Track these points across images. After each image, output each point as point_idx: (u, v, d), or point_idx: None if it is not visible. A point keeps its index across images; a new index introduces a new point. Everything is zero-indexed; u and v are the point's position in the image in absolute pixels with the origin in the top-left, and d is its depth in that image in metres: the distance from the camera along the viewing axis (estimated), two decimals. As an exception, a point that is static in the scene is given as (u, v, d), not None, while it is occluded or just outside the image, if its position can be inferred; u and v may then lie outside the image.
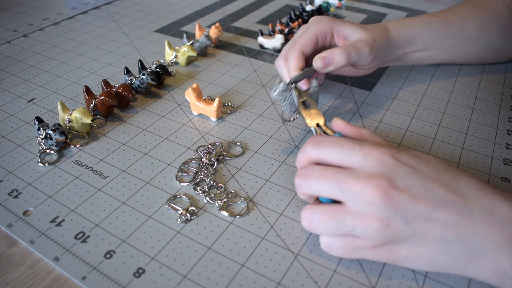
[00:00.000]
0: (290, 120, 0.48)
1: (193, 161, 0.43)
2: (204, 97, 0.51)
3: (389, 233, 0.30)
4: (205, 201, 0.39)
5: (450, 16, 0.55)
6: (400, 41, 0.52)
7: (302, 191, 0.33)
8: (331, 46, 0.50)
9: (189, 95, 0.50)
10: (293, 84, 0.44)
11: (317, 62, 0.45)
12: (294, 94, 0.43)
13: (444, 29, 0.54)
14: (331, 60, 0.44)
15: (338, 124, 0.36)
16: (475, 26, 0.55)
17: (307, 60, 0.47)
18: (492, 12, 0.56)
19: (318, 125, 0.39)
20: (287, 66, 0.46)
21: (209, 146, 0.45)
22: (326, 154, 0.32)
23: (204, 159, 0.43)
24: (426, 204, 0.29)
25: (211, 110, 0.49)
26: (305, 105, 0.42)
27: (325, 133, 0.38)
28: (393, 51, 0.52)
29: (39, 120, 0.45)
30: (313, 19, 0.49)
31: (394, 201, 0.29)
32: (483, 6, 0.57)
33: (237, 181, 0.41)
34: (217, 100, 0.48)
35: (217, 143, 0.45)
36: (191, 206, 0.38)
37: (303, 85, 0.45)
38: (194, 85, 0.50)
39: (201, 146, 0.45)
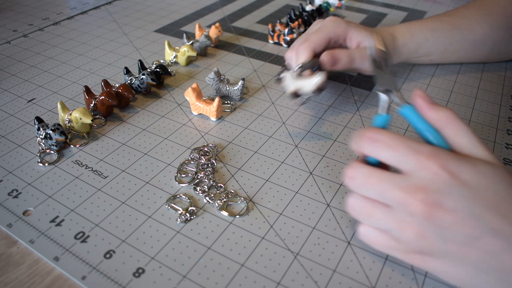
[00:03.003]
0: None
1: (191, 162, 0.43)
2: (204, 97, 0.51)
3: (423, 245, 0.29)
4: (205, 201, 0.39)
5: (457, 22, 0.55)
6: (404, 49, 0.54)
7: (350, 189, 0.32)
8: (341, 47, 0.52)
9: (189, 95, 0.50)
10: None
11: (326, 56, 0.47)
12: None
13: (449, 36, 0.55)
14: (337, 60, 0.47)
15: (419, 102, 0.31)
16: (481, 32, 0.55)
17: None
18: (500, 15, 0.56)
19: (388, 91, 0.34)
20: (296, 60, 0.48)
21: (205, 147, 0.45)
22: (379, 154, 0.30)
23: (203, 160, 0.43)
24: (471, 231, 0.27)
25: (211, 110, 0.49)
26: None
27: (396, 102, 0.33)
28: (397, 58, 0.55)
29: (39, 120, 0.45)
30: (330, 20, 0.51)
31: (436, 220, 0.27)
32: (492, 8, 0.56)
33: (237, 181, 0.41)
34: (217, 100, 0.48)
35: (211, 145, 0.45)
36: (191, 206, 0.38)
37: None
38: (194, 85, 0.50)
39: (195, 148, 0.45)
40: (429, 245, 0.28)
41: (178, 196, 0.39)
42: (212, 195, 0.39)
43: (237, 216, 0.37)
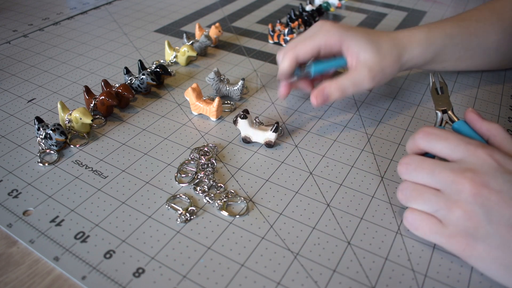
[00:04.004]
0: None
1: (191, 162, 0.43)
2: (204, 97, 0.51)
3: (469, 225, 0.30)
4: (205, 201, 0.39)
5: (473, 27, 0.52)
6: (420, 58, 0.50)
7: (403, 177, 0.35)
8: (336, 54, 0.48)
9: (189, 95, 0.50)
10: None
11: (316, 97, 0.45)
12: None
13: (466, 43, 0.52)
14: (328, 97, 0.45)
15: (470, 116, 0.36)
16: (495, 38, 0.53)
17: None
18: None
19: (444, 111, 0.40)
20: (279, 67, 0.48)
21: (205, 147, 0.45)
22: (433, 146, 0.34)
23: (203, 160, 0.43)
24: None
25: (211, 110, 0.49)
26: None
27: (450, 119, 0.39)
28: (411, 66, 0.50)
29: (39, 120, 0.45)
30: (322, 27, 0.47)
31: (482, 198, 0.30)
32: (504, 13, 0.53)
33: (237, 181, 0.41)
34: (217, 100, 0.48)
35: (211, 145, 0.45)
36: (191, 206, 0.38)
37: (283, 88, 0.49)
38: (194, 85, 0.50)
39: (195, 148, 0.45)
40: (474, 226, 0.30)
41: (178, 196, 0.39)
42: (212, 195, 0.39)
43: (237, 216, 0.37)
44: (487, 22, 0.53)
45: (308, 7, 0.78)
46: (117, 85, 0.51)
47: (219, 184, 0.40)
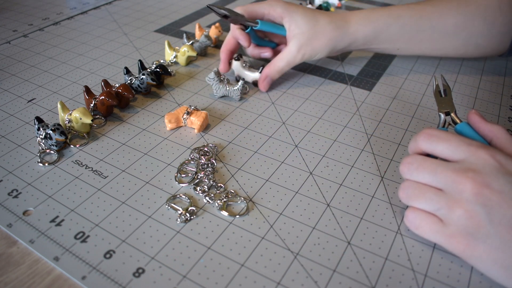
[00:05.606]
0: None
1: (191, 162, 0.43)
2: (191, 107, 0.49)
3: (470, 224, 0.30)
4: (205, 201, 0.39)
5: (427, 11, 0.53)
6: (359, 35, 0.53)
7: (405, 176, 0.35)
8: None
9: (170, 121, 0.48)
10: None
11: (264, 87, 0.55)
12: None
13: (415, 24, 0.53)
14: (271, 81, 0.55)
15: (472, 118, 0.37)
16: (453, 21, 0.53)
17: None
18: (478, 7, 0.53)
19: (447, 113, 0.40)
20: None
21: (204, 147, 0.45)
22: (434, 147, 0.34)
23: (203, 160, 0.43)
24: None
25: (194, 122, 0.47)
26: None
27: (453, 121, 0.40)
28: (353, 44, 0.54)
29: (39, 120, 0.45)
30: (269, 1, 0.53)
31: (483, 198, 0.30)
32: (468, 0, 0.54)
33: (237, 181, 0.41)
34: (202, 113, 0.48)
35: (211, 145, 0.45)
36: (191, 206, 0.38)
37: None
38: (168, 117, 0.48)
39: (195, 148, 0.45)
40: (475, 226, 0.30)
41: (178, 196, 0.39)
42: (212, 195, 0.39)
43: (237, 216, 0.37)
44: (444, 7, 0.54)
45: (308, 7, 0.78)
46: (117, 85, 0.51)
47: (219, 184, 0.40)
